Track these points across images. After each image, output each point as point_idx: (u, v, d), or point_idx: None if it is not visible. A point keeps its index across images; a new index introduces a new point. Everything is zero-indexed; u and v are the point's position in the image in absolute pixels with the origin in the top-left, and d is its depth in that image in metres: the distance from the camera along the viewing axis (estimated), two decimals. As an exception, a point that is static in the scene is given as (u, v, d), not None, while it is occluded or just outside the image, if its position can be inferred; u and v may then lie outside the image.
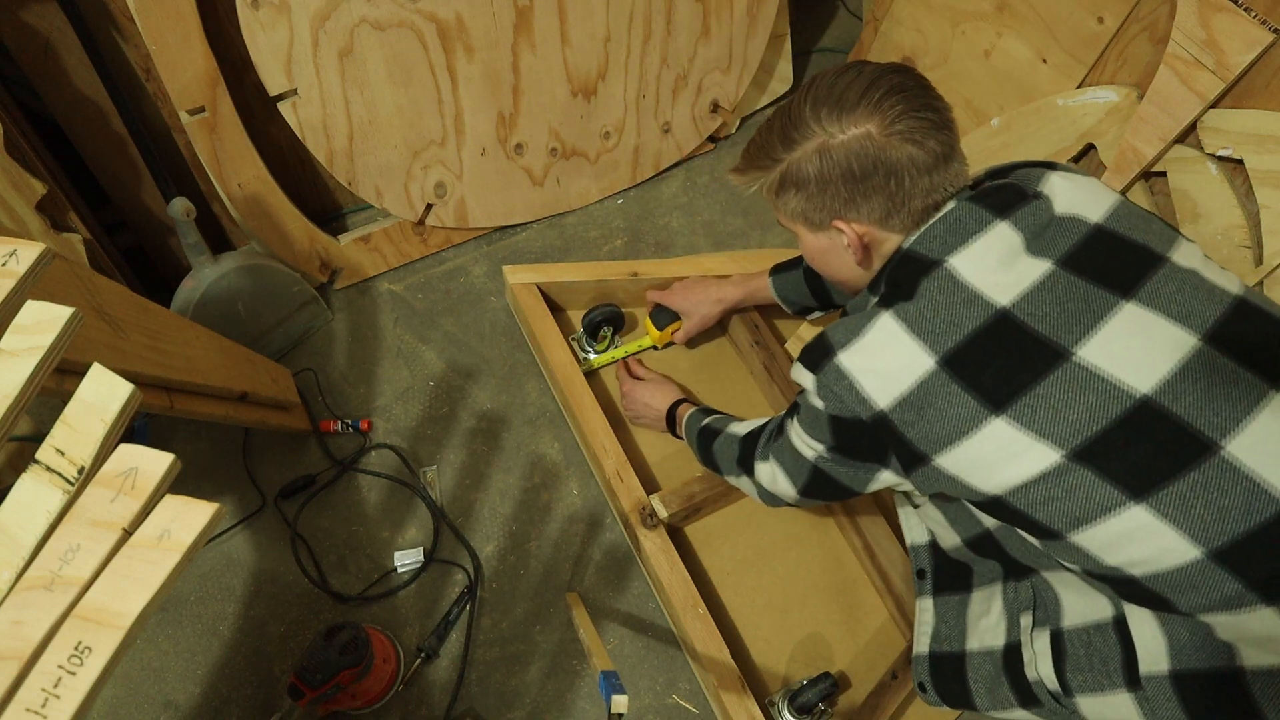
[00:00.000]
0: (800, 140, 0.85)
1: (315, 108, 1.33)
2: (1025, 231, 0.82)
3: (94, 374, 0.62)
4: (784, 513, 1.40)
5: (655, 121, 1.70)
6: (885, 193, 0.84)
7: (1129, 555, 0.77)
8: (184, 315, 1.31)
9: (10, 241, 0.67)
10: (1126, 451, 0.74)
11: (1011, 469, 0.78)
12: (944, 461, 0.81)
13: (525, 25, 1.41)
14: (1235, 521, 0.72)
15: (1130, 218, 0.84)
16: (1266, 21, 1.15)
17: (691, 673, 1.25)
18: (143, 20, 1.13)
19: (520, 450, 1.45)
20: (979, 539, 1.03)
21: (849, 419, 0.85)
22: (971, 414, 0.78)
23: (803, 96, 0.86)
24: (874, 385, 0.82)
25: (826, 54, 2.08)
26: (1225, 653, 0.76)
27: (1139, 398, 0.75)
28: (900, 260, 0.87)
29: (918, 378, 0.80)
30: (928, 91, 0.84)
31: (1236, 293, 0.80)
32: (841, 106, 0.83)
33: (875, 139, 0.82)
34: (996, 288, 0.80)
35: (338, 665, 1.07)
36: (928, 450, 0.82)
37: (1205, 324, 0.77)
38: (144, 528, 0.56)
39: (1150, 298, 0.78)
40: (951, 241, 0.83)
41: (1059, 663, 0.89)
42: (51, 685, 0.52)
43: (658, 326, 1.49)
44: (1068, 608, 0.91)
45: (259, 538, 1.34)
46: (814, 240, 0.94)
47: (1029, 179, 0.89)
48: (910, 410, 0.81)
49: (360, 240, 1.57)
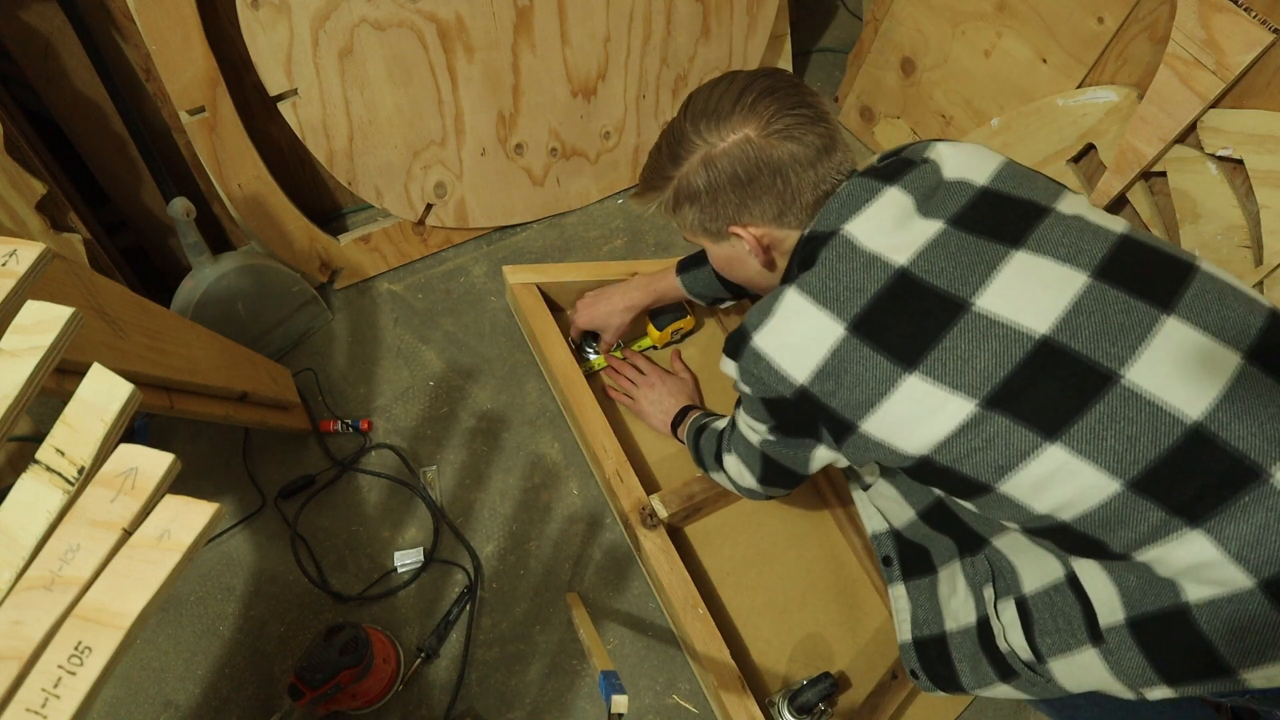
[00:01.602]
0: (685, 155, 0.88)
1: (315, 108, 1.33)
2: (915, 194, 0.84)
3: (94, 374, 0.62)
4: (784, 513, 1.40)
5: (655, 121, 1.70)
6: (774, 192, 0.87)
7: (1055, 499, 0.78)
8: (184, 315, 1.31)
9: (10, 241, 0.67)
10: (1034, 393, 0.76)
11: (932, 425, 0.79)
12: (869, 427, 0.83)
13: (525, 25, 1.41)
14: (1146, 448, 0.73)
15: (1015, 177, 0.87)
16: (1266, 21, 1.15)
17: (691, 673, 1.25)
18: (143, 20, 1.13)
19: (520, 450, 1.45)
20: (931, 509, 1.06)
21: (775, 399, 0.87)
22: (886, 374, 0.79)
23: (683, 113, 0.89)
24: (789, 361, 0.84)
25: (826, 54, 2.08)
26: (1170, 591, 0.77)
27: (1038, 338, 0.76)
28: (801, 242, 0.89)
29: (830, 346, 0.81)
30: (799, 89, 0.86)
31: (1121, 231, 0.83)
32: (718, 116, 0.86)
33: (755, 141, 0.84)
34: (893, 249, 0.81)
35: (338, 665, 1.07)
36: (852, 417, 0.83)
37: (1093, 261, 0.79)
38: (144, 528, 0.56)
39: (1039, 244, 0.80)
40: (845, 212, 0.85)
41: (1028, 630, 0.90)
42: (51, 685, 0.52)
43: (658, 327, 1.49)
44: (1024, 573, 0.92)
45: (259, 538, 1.34)
46: (718, 250, 0.97)
47: (916, 151, 0.91)
48: (829, 380, 0.82)
49: (360, 240, 1.57)
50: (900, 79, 1.75)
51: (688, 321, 1.51)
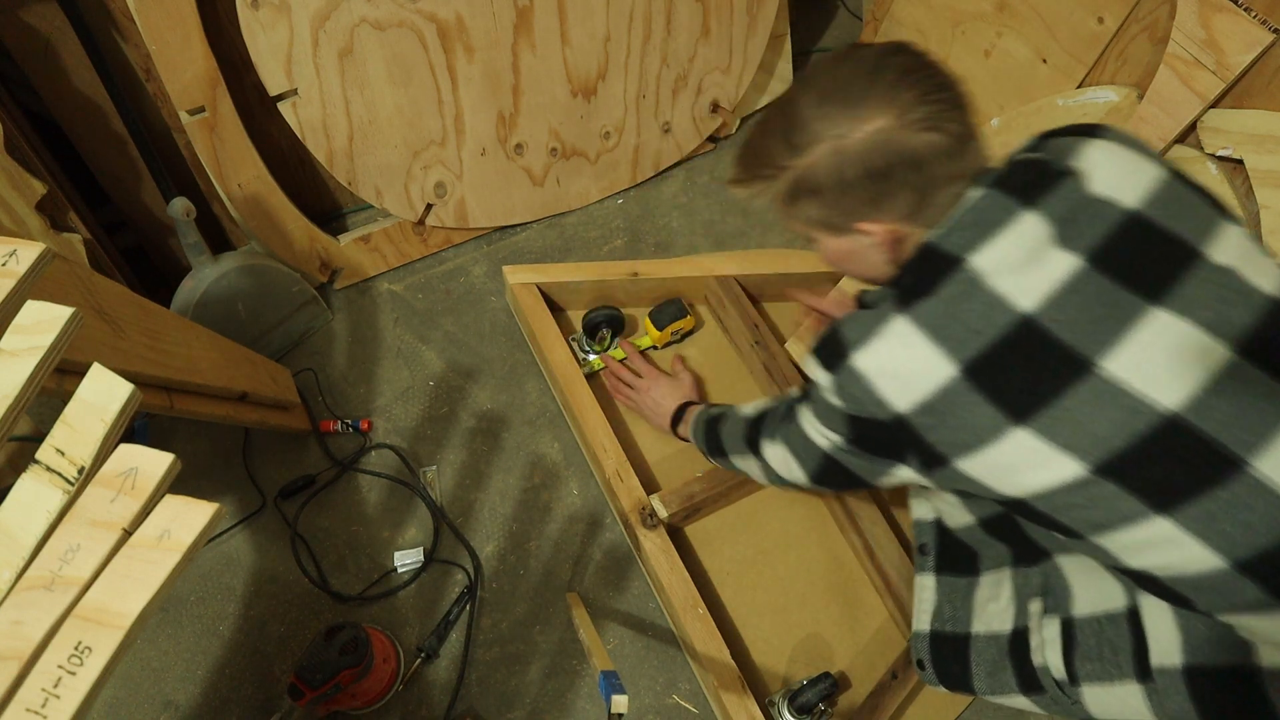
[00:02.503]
0: (808, 144, 0.79)
1: (315, 108, 1.33)
2: (1054, 220, 0.77)
3: (94, 374, 0.62)
4: (784, 513, 1.40)
5: (655, 121, 1.70)
6: (910, 187, 0.78)
7: (1151, 560, 0.76)
8: (184, 315, 1.31)
9: (10, 241, 0.67)
10: (1151, 468, 0.72)
11: (1034, 476, 0.76)
12: (965, 465, 0.80)
13: (525, 25, 1.41)
14: (1261, 535, 0.70)
15: (1170, 201, 0.78)
16: (1266, 21, 1.15)
17: (691, 673, 1.25)
18: (143, 20, 1.13)
19: (520, 450, 1.45)
20: (994, 518, 1.01)
21: (866, 418, 0.83)
22: (994, 424, 0.76)
23: (803, 93, 0.80)
24: (892, 388, 0.79)
25: (826, 54, 2.08)
26: (1242, 650, 0.75)
27: (1166, 415, 0.72)
28: (921, 254, 0.81)
29: (939, 385, 0.77)
30: (936, 69, 0.78)
31: (1272, 293, 0.76)
32: (848, 100, 0.76)
33: (893, 132, 0.76)
34: (1020, 291, 0.75)
35: (338, 665, 1.07)
36: (948, 453, 0.80)
37: (1237, 333, 0.73)
38: (144, 528, 0.57)
39: (1181, 304, 0.74)
40: (974, 236, 0.77)
41: (1069, 651, 0.88)
42: (51, 685, 0.52)
43: (658, 326, 1.49)
44: (1079, 596, 0.90)
45: (259, 538, 1.34)
46: (835, 243, 0.88)
47: (1062, 152, 0.82)
48: (930, 415, 0.78)
49: (360, 240, 1.57)
50: (900, 79, 1.75)
51: (688, 321, 1.51)
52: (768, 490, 1.42)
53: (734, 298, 1.53)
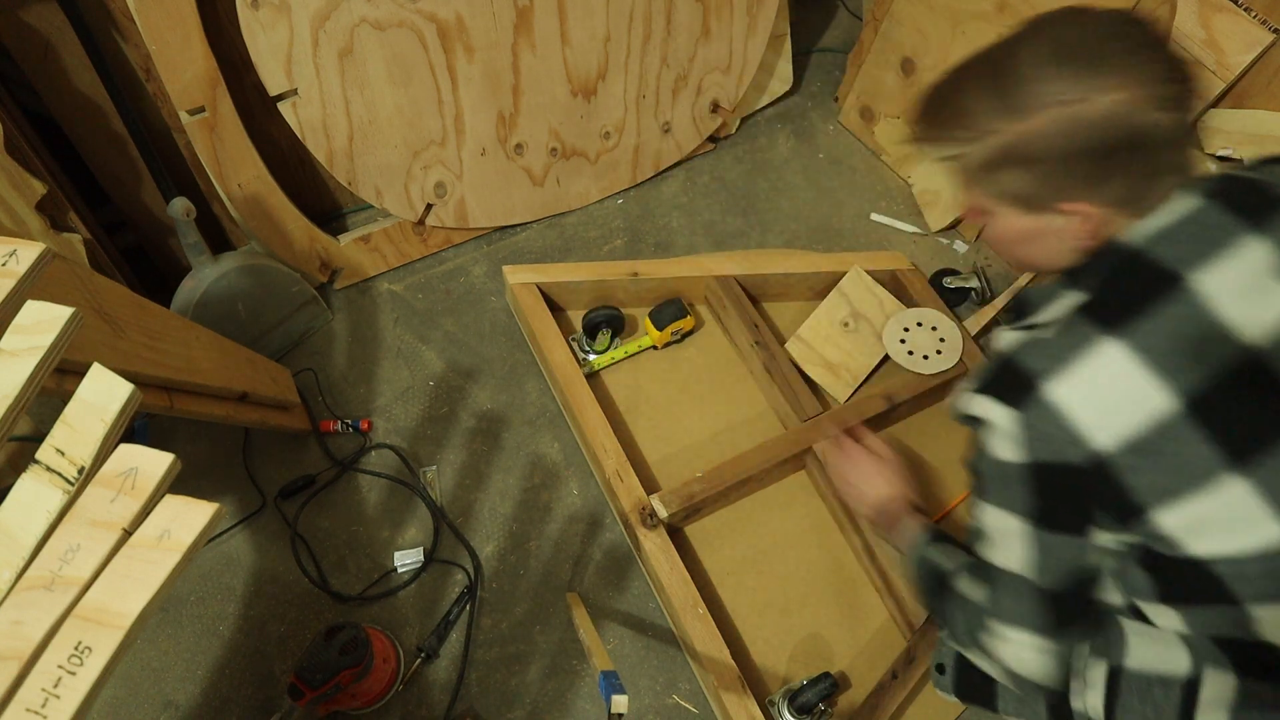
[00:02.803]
0: (1033, 108, 0.70)
1: (315, 108, 1.33)
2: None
3: (94, 374, 0.62)
4: (784, 513, 1.40)
5: (655, 121, 1.70)
6: (1134, 170, 0.70)
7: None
8: (184, 315, 1.31)
9: (10, 241, 0.67)
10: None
11: (1236, 538, 0.69)
12: (1163, 517, 0.70)
13: (525, 25, 1.41)
14: None
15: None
16: (1266, 21, 1.15)
17: (691, 673, 1.25)
18: (143, 20, 1.13)
19: (520, 450, 1.45)
20: None
21: (1055, 464, 0.71)
22: (1208, 467, 0.68)
23: (1023, 51, 0.72)
24: (1094, 422, 0.69)
25: (826, 54, 2.08)
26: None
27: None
28: (1124, 262, 0.72)
29: (1154, 418, 0.68)
30: (1175, 49, 0.70)
31: None
32: (1088, 62, 0.68)
33: (1134, 104, 0.67)
34: (1248, 322, 0.67)
35: (338, 665, 1.07)
36: (1147, 502, 0.70)
37: None
38: (144, 528, 0.56)
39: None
40: (1194, 252, 0.69)
41: (1110, 701, 0.82)
42: (51, 685, 0.52)
43: (658, 326, 1.49)
44: (1135, 648, 0.83)
45: (259, 538, 1.34)
46: (1020, 223, 0.78)
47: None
48: (1139, 454, 0.69)
49: (360, 240, 1.57)
50: (900, 79, 1.75)
51: (688, 321, 1.51)
52: (768, 490, 1.42)
53: (734, 298, 1.53)
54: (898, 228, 1.77)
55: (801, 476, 1.44)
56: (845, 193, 1.83)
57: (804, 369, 1.49)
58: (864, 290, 1.56)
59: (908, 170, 1.82)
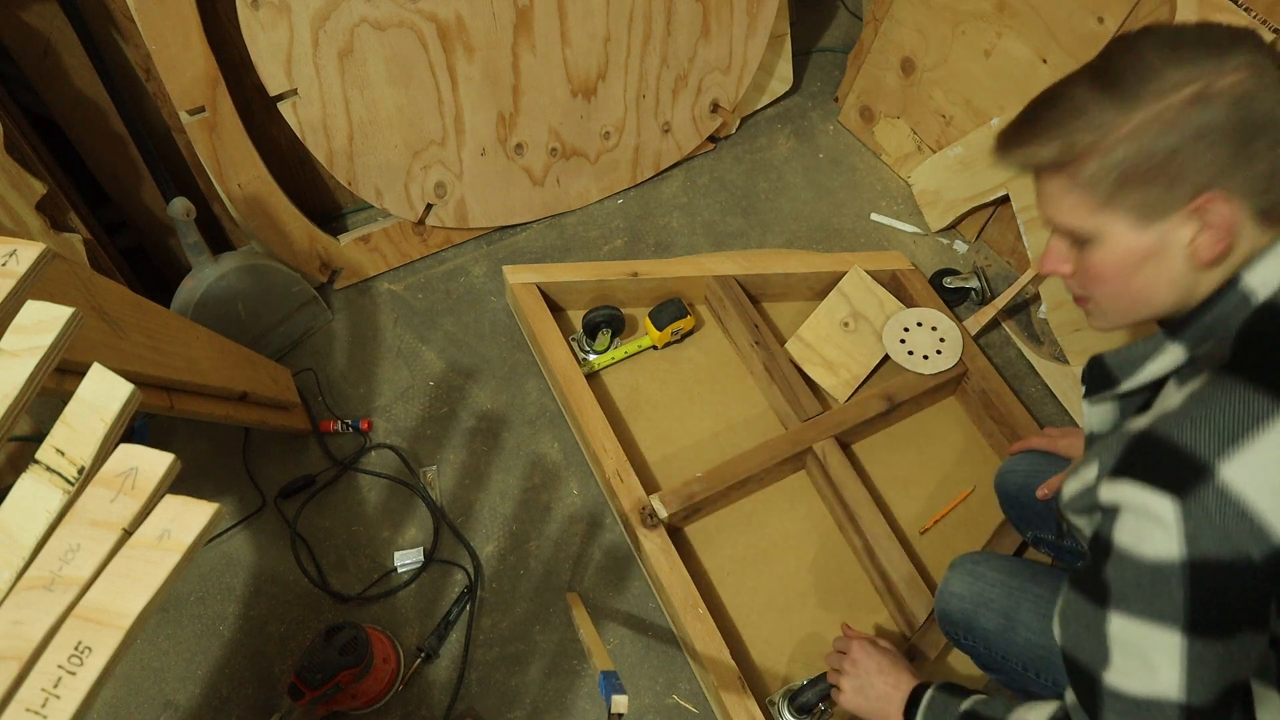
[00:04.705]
0: (1154, 94, 0.62)
1: (315, 108, 1.33)
2: None
3: (94, 374, 0.62)
4: (784, 513, 1.40)
5: (655, 121, 1.70)
6: (1270, 159, 0.61)
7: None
8: (184, 315, 1.31)
9: (10, 241, 0.67)
10: None
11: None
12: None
13: (525, 25, 1.41)
14: None
15: None
16: (1266, 21, 1.15)
17: (691, 673, 1.25)
18: (143, 20, 1.13)
19: (520, 450, 1.45)
20: None
21: (1227, 563, 0.59)
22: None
23: (1140, 44, 0.65)
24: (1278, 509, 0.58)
25: (826, 54, 2.08)
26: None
27: None
28: (1266, 309, 0.63)
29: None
30: None
31: None
32: (1207, 43, 0.62)
33: (1259, 84, 0.61)
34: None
35: (338, 665, 1.07)
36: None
37: None
38: (144, 528, 0.56)
39: None
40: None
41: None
42: (51, 685, 0.52)
43: (658, 326, 1.49)
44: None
45: (259, 538, 1.34)
46: (1134, 241, 0.67)
47: None
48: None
49: (360, 240, 1.57)
50: (900, 79, 1.75)
51: (688, 321, 1.51)
52: (768, 490, 1.42)
53: (734, 298, 1.53)
54: (898, 228, 1.77)
55: (801, 476, 1.44)
56: (845, 193, 1.83)
57: (804, 369, 1.49)
58: (864, 290, 1.56)
59: (907, 170, 1.82)
